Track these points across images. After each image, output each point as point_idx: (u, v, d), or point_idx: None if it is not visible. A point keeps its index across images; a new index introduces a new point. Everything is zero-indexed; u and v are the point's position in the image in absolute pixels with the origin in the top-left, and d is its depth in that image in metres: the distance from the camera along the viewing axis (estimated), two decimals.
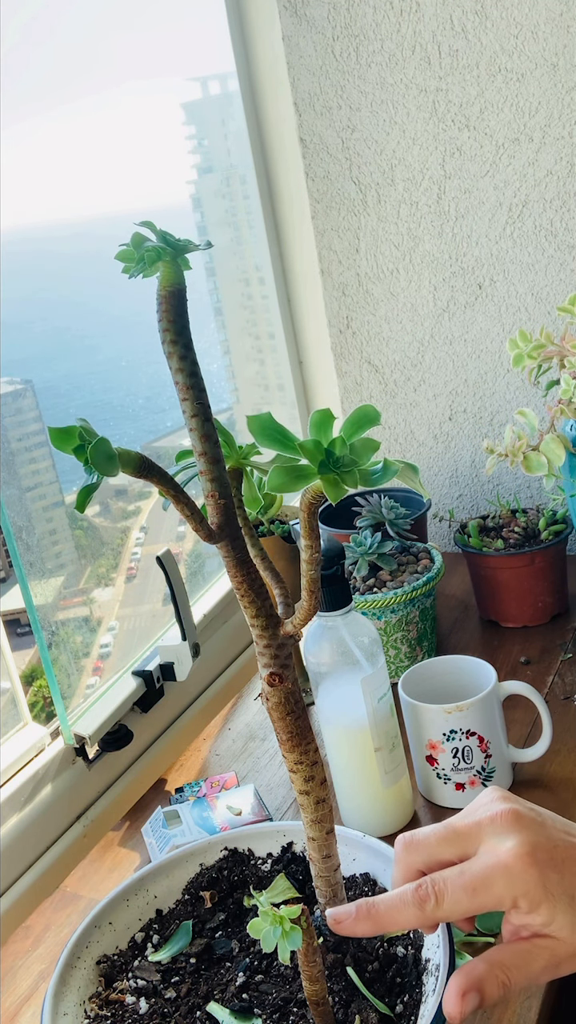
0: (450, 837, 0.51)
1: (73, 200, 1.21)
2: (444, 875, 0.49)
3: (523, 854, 0.48)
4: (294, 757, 0.57)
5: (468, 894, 0.48)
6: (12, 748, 1.01)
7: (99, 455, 0.45)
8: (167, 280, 0.47)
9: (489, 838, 0.49)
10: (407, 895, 0.49)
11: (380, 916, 0.50)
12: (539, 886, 0.47)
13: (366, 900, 0.51)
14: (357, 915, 0.51)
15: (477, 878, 0.48)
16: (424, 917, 0.49)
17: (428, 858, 0.51)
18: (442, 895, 0.48)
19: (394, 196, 1.39)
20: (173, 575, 1.07)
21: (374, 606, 1.09)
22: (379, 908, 0.50)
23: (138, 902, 0.71)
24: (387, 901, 0.50)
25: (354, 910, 0.51)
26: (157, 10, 1.33)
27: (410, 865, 0.52)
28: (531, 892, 0.47)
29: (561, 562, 1.22)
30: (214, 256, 1.54)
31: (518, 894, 0.47)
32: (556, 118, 1.25)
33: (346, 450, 0.47)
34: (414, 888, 0.49)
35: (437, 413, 1.48)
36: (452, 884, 0.49)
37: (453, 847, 0.51)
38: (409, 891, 0.49)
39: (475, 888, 0.48)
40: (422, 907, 0.49)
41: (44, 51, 1.14)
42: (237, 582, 0.53)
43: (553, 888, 0.47)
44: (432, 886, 0.49)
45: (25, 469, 1.14)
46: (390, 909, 0.50)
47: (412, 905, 0.49)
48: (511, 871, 0.48)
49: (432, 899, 0.49)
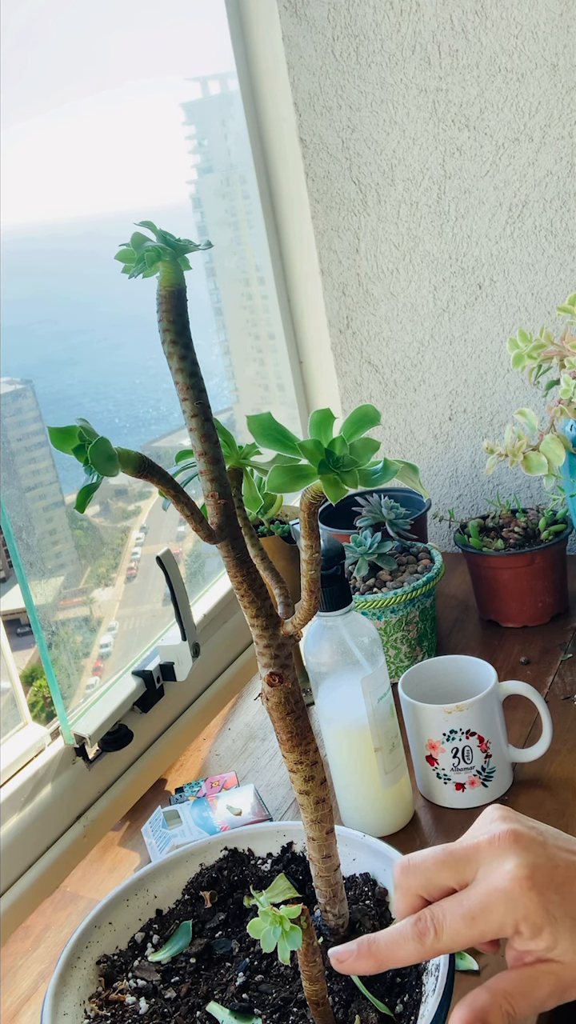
0: (448, 861, 0.50)
1: (73, 200, 1.21)
2: (442, 906, 0.48)
3: (522, 877, 0.46)
4: (294, 757, 0.57)
5: (467, 924, 0.47)
6: (12, 748, 1.01)
7: (99, 455, 0.45)
8: (167, 280, 0.47)
9: (487, 861, 0.48)
10: (407, 930, 0.49)
11: (381, 953, 0.50)
12: (540, 910, 0.46)
13: (367, 937, 0.50)
14: (359, 953, 0.50)
15: (476, 906, 0.47)
16: (424, 951, 0.48)
17: (426, 882, 0.50)
18: (441, 928, 0.48)
19: (394, 196, 1.39)
20: (173, 575, 1.07)
21: (374, 606, 1.09)
22: (379, 945, 0.50)
23: (138, 902, 0.71)
24: (387, 937, 0.49)
25: (355, 948, 0.50)
26: (157, 10, 1.33)
27: (408, 889, 0.51)
28: (532, 916, 0.46)
29: (561, 562, 1.22)
30: (214, 256, 1.54)
31: (519, 919, 0.46)
32: (556, 118, 1.25)
33: (346, 450, 0.47)
34: (413, 922, 0.49)
35: (437, 413, 1.48)
36: (451, 915, 0.48)
37: (451, 871, 0.50)
38: (408, 925, 0.49)
39: (474, 917, 0.47)
40: (422, 941, 0.48)
41: (44, 51, 1.14)
42: (237, 582, 0.53)
43: (555, 911, 0.46)
44: (431, 919, 0.48)
45: (25, 469, 1.14)
46: (390, 945, 0.49)
47: (412, 940, 0.48)
48: (510, 896, 0.46)
49: (431, 932, 0.48)
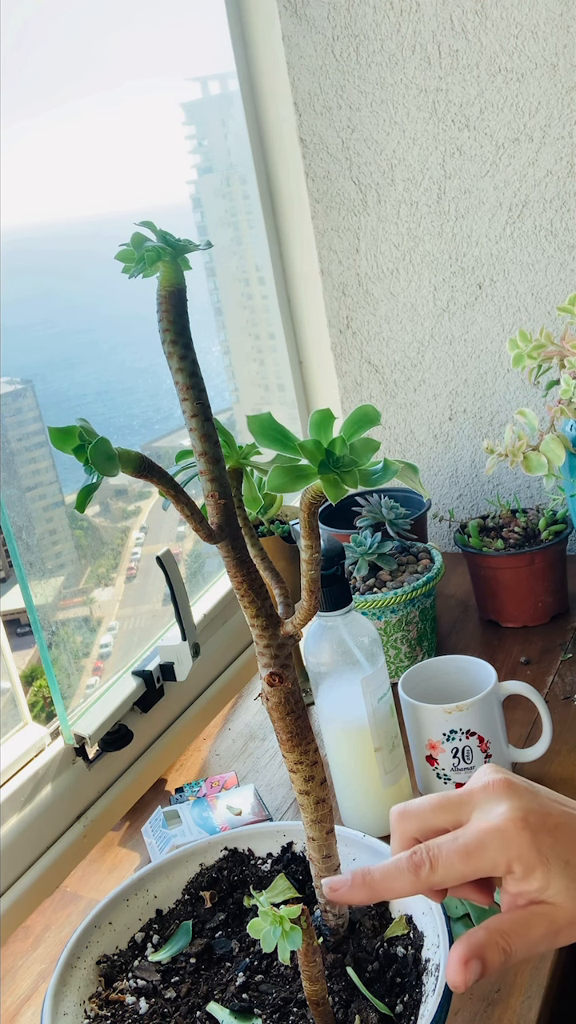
0: (444, 804, 0.51)
1: (73, 200, 1.21)
2: (438, 841, 0.49)
3: (516, 818, 0.48)
4: (294, 757, 0.57)
5: (462, 858, 0.48)
6: (12, 748, 1.01)
7: (99, 455, 0.45)
8: (167, 280, 0.47)
9: (482, 805, 0.50)
10: (402, 862, 0.49)
11: (376, 884, 0.50)
12: (532, 849, 0.47)
13: (362, 868, 0.51)
14: (353, 883, 0.51)
15: (471, 842, 0.48)
16: (419, 883, 0.49)
17: (422, 825, 0.52)
18: (436, 860, 0.49)
19: (394, 196, 1.39)
20: (173, 575, 1.07)
21: (374, 606, 1.09)
22: (375, 876, 0.50)
23: (138, 902, 0.71)
24: (382, 869, 0.50)
25: (350, 878, 0.51)
26: (157, 10, 1.33)
27: (405, 832, 0.52)
28: (524, 856, 0.47)
29: (561, 562, 1.22)
30: (214, 256, 1.54)
31: (512, 857, 0.47)
32: (556, 118, 1.25)
33: (346, 450, 0.47)
34: (408, 855, 0.49)
35: (437, 413, 1.48)
36: (446, 849, 0.49)
37: (447, 814, 0.51)
38: (404, 858, 0.49)
39: (469, 852, 0.48)
40: (417, 873, 0.49)
41: (44, 51, 1.14)
42: (237, 582, 0.53)
43: (547, 852, 0.47)
44: (426, 852, 0.49)
45: (25, 469, 1.14)
46: (386, 877, 0.50)
47: (407, 871, 0.49)
48: (504, 834, 0.48)
49: (427, 864, 0.49)
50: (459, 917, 0.77)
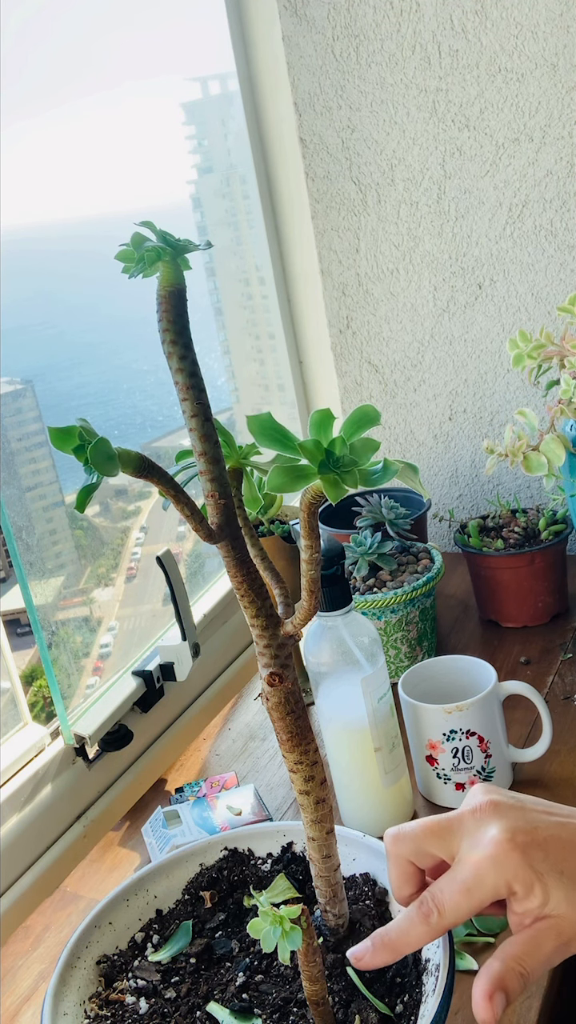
0: (434, 829, 0.53)
1: (73, 200, 1.21)
2: (439, 886, 0.51)
3: (503, 840, 0.49)
4: (294, 757, 0.57)
5: (465, 896, 0.50)
6: (12, 748, 1.01)
7: (99, 455, 0.45)
8: (167, 280, 0.47)
9: (470, 831, 0.51)
10: (413, 916, 0.51)
11: (395, 943, 0.52)
12: (526, 867, 0.49)
13: (379, 932, 0.53)
14: (375, 948, 0.53)
15: (469, 878, 0.50)
16: (433, 930, 0.51)
17: (415, 848, 0.53)
18: (442, 906, 0.50)
19: (394, 196, 1.39)
20: (173, 575, 1.07)
21: (374, 606, 1.09)
22: (392, 936, 0.52)
23: (138, 902, 0.71)
24: (397, 927, 0.52)
25: (371, 945, 0.53)
26: (157, 10, 1.33)
27: (399, 856, 0.54)
28: (520, 875, 0.49)
29: (561, 562, 1.22)
30: (214, 256, 1.54)
31: (509, 879, 0.49)
32: (556, 118, 1.25)
33: (346, 450, 0.47)
34: (416, 907, 0.51)
35: (437, 413, 1.48)
36: (448, 892, 0.50)
37: (438, 839, 0.53)
38: (413, 911, 0.52)
39: (469, 888, 0.50)
40: (428, 922, 0.51)
41: (44, 51, 1.14)
42: (237, 582, 0.53)
43: (539, 866, 0.49)
44: (432, 900, 0.51)
45: (25, 469, 1.14)
46: (402, 933, 0.52)
47: (419, 923, 0.51)
48: (496, 859, 0.49)
49: (435, 912, 0.51)
50: None
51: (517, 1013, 0.70)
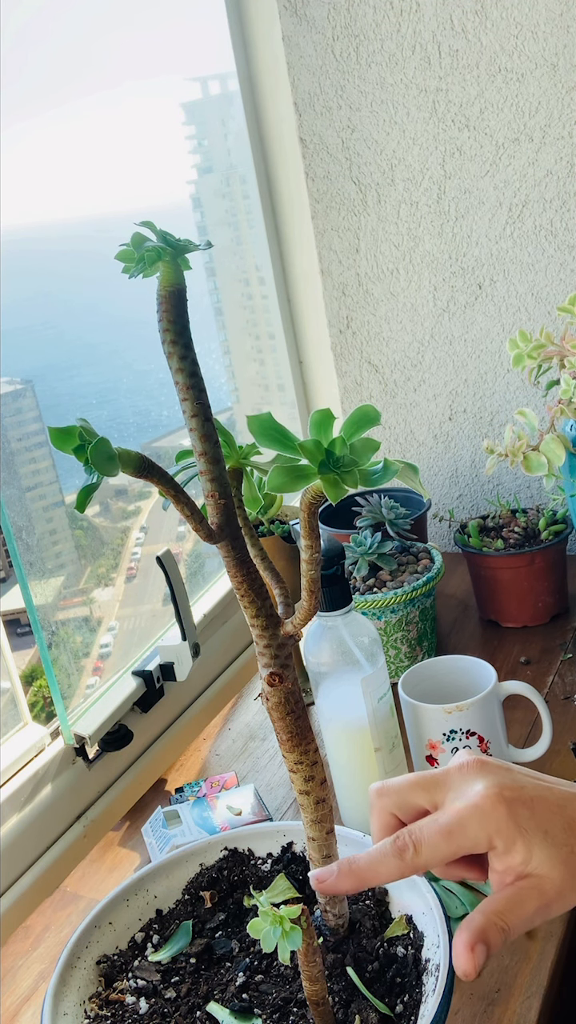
0: (420, 782, 0.53)
1: (73, 200, 1.21)
2: (419, 824, 0.51)
3: (491, 794, 0.49)
4: (294, 757, 0.57)
5: (444, 838, 0.49)
6: (12, 748, 1.01)
7: (99, 455, 0.45)
8: (167, 280, 0.47)
9: (458, 784, 0.51)
10: (386, 847, 0.50)
11: (362, 871, 0.51)
12: (510, 822, 0.49)
13: (347, 858, 0.52)
14: (339, 873, 0.52)
15: (452, 821, 0.49)
16: (404, 866, 0.50)
17: (400, 800, 0.53)
18: (419, 843, 0.50)
19: (394, 196, 1.39)
20: (173, 575, 1.07)
21: (374, 606, 1.09)
22: (360, 863, 0.51)
23: (138, 902, 0.71)
24: (368, 856, 0.51)
25: (336, 868, 0.52)
26: (157, 10, 1.33)
27: (383, 808, 0.54)
28: (503, 829, 0.49)
29: (561, 562, 1.22)
30: (214, 256, 1.54)
31: (491, 832, 0.49)
32: (556, 118, 1.25)
33: (346, 450, 0.47)
34: (392, 840, 0.50)
35: (437, 413, 1.48)
36: (428, 831, 0.50)
37: (423, 791, 0.52)
38: (388, 843, 0.50)
39: (451, 831, 0.49)
40: (402, 856, 0.50)
41: (44, 51, 1.14)
42: (237, 582, 0.53)
43: (525, 823, 0.49)
44: (409, 836, 0.50)
45: (25, 469, 1.14)
46: (371, 863, 0.51)
47: (392, 856, 0.50)
48: (482, 810, 0.49)
49: (411, 847, 0.50)
50: (459, 917, 0.77)
51: (517, 1013, 0.70)
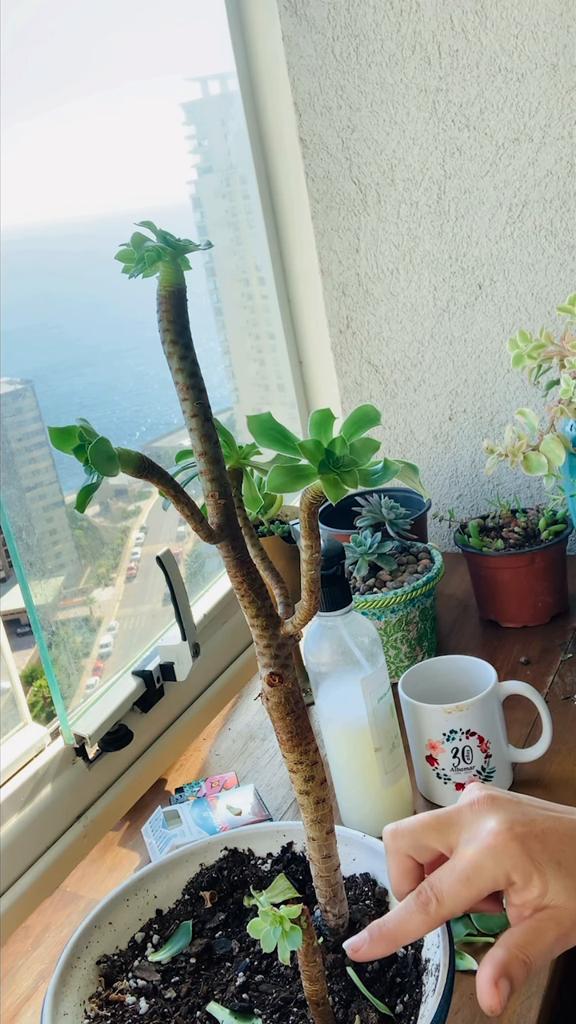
0: (432, 823, 0.53)
1: (73, 200, 1.21)
2: (438, 875, 0.52)
3: (502, 831, 0.50)
4: (294, 757, 0.57)
5: (464, 885, 0.50)
6: (12, 748, 1.01)
7: (99, 455, 0.45)
8: (167, 280, 0.47)
9: (469, 823, 0.52)
10: (411, 905, 0.52)
11: (393, 933, 0.53)
12: (525, 857, 0.49)
13: (376, 923, 0.53)
14: (371, 939, 0.53)
15: (468, 867, 0.50)
16: (431, 920, 0.51)
17: (414, 843, 0.54)
18: (441, 895, 0.51)
19: (394, 196, 1.39)
20: (173, 575, 1.07)
21: (374, 606, 1.09)
22: (390, 926, 0.53)
23: (138, 902, 0.71)
24: (395, 917, 0.53)
25: (368, 936, 0.53)
26: (157, 10, 1.33)
27: (398, 850, 0.55)
28: (519, 865, 0.49)
29: (561, 562, 1.22)
30: (214, 256, 1.54)
31: (508, 869, 0.49)
32: (556, 118, 1.25)
33: (346, 450, 0.47)
34: (415, 896, 0.52)
35: (437, 413, 1.48)
36: (447, 881, 0.51)
37: (436, 832, 0.53)
38: (411, 901, 0.52)
39: (469, 878, 0.50)
40: (426, 911, 0.51)
41: (44, 51, 1.14)
42: (237, 582, 0.53)
43: (538, 857, 0.49)
44: (430, 889, 0.51)
45: (25, 469, 1.14)
46: (400, 924, 0.52)
47: (417, 912, 0.51)
48: (495, 850, 0.50)
49: (433, 901, 0.51)
50: (458, 918, 0.77)
51: (517, 1013, 0.70)
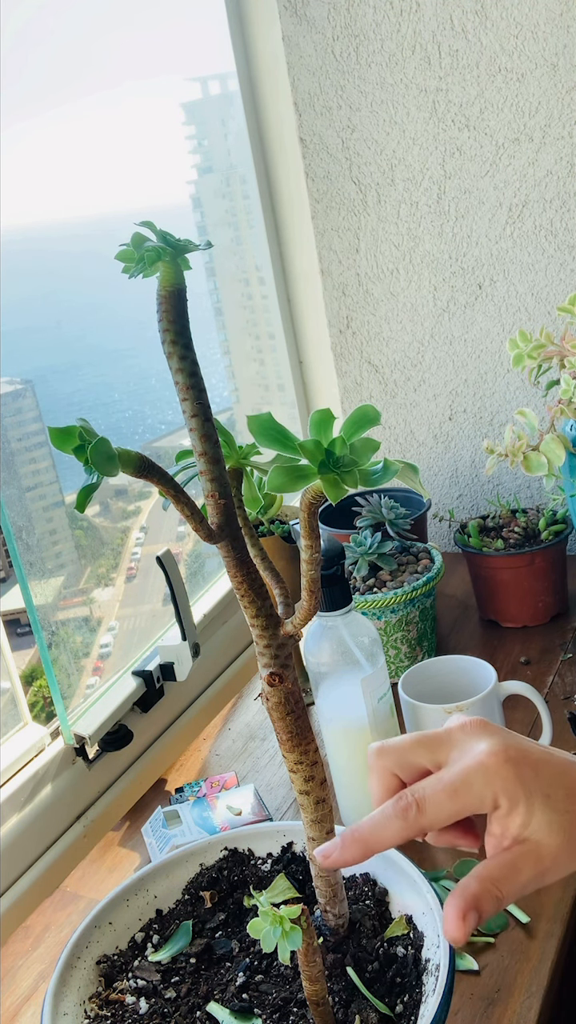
0: (422, 741, 0.51)
1: (73, 200, 1.21)
2: (422, 784, 0.49)
3: (497, 751, 0.48)
4: (294, 757, 0.57)
5: (449, 796, 0.48)
6: (12, 748, 1.01)
7: (99, 455, 0.45)
8: (167, 280, 0.47)
9: (461, 744, 0.50)
10: (388, 810, 0.49)
11: (366, 838, 0.50)
12: (516, 781, 0.47)
13: (349, 827, 0.50)
14: (343, 844, 0.50)
15: (456, 779, 0.48)
16: (408, 827, 0.49)
17: (400, 759, 0.51)
18: (423, 802, 0.48)
19: (394, 196, 1.39)
20: (173, 575, 1.07)
21: (374, 606, 1.09)
22: (364, 830, 0.50)
23: (138, 902, 0.71)
24: (370, 821, 0.50)
25: (339, 841, 0.50)
26: (157, 10, 1.33)
27: (384, 768, 0.52)
28: (509, 788, 0.47)
29: (561, 562, 1.21)
30: (214, 256, 1.54)
31: (497, 790, 0.48)
32: (556, 118, 1.25)
33: (346, 450, 0.47)
34: (394, 801, 0.49)
35: (437, 413, 1.48)
36: (432, 789, 0.48)
37: (425, 750, 0.51)
38: (390, 805, 0.49)
39: (455, 789, 0.48)
40: (405, 817, 0.48)
41: (44, 51, 1.14)
42: (237, 582, 0.53)
43: (529, 784, 0.48)
44: (412, 795, 0.49)
45: (25, 469, 1.14)
46: (375, 828, 0.49)
47: (395, 818, 0.49)
48: (487, 768, 0.48)
49: (414, 807, 0.48)
50: None
51: (517, 1013, 0.70)
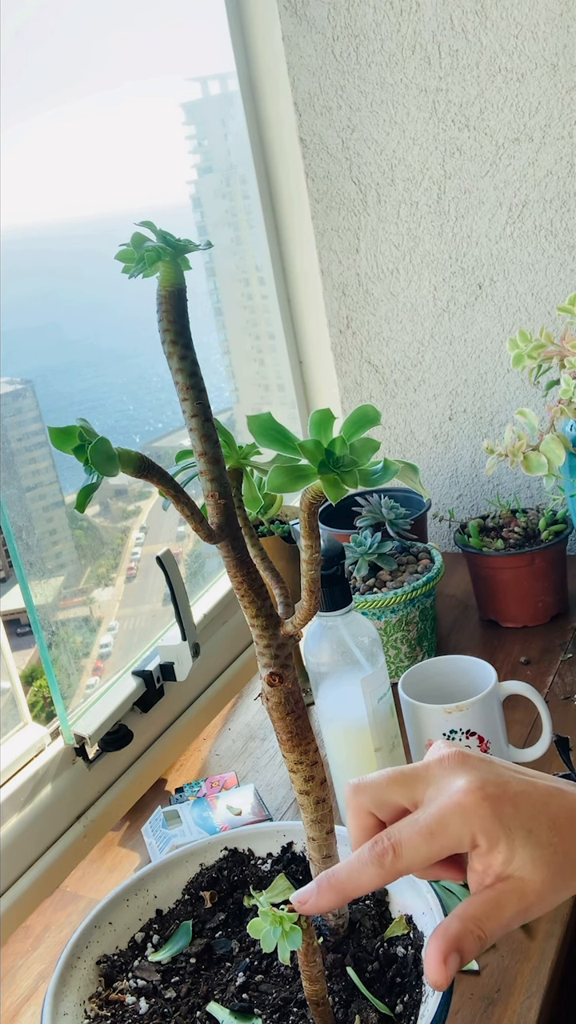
0: (398, 779, 0.50)
1: (73, 200, 1.21)
2: (398, 826, 0.47)
3: (474, 789, 0.46)
4: (294, 757, 0.57)
5: (425, 839, 0.46)
6: (12, 748, 1.01)
7: (99, 455, 0.45)
8: (167, 280, 0.47)
9: (438, 780, 0.48)
10: (364, 855, 0.47)
11: (342, 884, 0.48)
12: (494, 820, 0.46)
13: (326, 872, 0.49)
14: (320, 890, 0.49)
15: (432, 821, 0.46)
16: (385, 873, 0.47)
17: (377, 797, 0.50)
18: (399, 846, 0.47)
19: (394, 196, 1.39)
20: (173, 575, 1.07)
21: (374, 606, 1.09)
22: (340, 876, 0.48)
23: (138, 902, 0.71)
24: (347, 867, 0.48)
25: (315, 887, 0.49)
26: (157, 10, 1.33)
27: (360, 807, 0.50)
28: (487, 827, 0.46)
29: (561, 562, 1.22)
30: (214, 256, 1.54)
31: (475, 830, 0.46)
32: (556, 118, 1.25)
33: (346, 450, 0.47)
34: (370, 847, 0.47)
35: (437, 413, 1.48)
36: (407, 833, 0.47)
37: (402, 787, 0.49)
38: (366, 851, 0.47)
39: (432, 832, 0.46)
40: (381, 864, 0.47)
41: (44, 51, 1.14)
42: (237, 582, 0.53)
43: (508, 821, 0.46)
44: (388, 840, 0.47)
45: (25, 469, 1.14)
46: (351, 875, 0.48)
47: (371, 864, 0.47)
48: (464, 808, 0.46)
49: (390, 853, 0.47)
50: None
51: (517, 1013, 0.70)
